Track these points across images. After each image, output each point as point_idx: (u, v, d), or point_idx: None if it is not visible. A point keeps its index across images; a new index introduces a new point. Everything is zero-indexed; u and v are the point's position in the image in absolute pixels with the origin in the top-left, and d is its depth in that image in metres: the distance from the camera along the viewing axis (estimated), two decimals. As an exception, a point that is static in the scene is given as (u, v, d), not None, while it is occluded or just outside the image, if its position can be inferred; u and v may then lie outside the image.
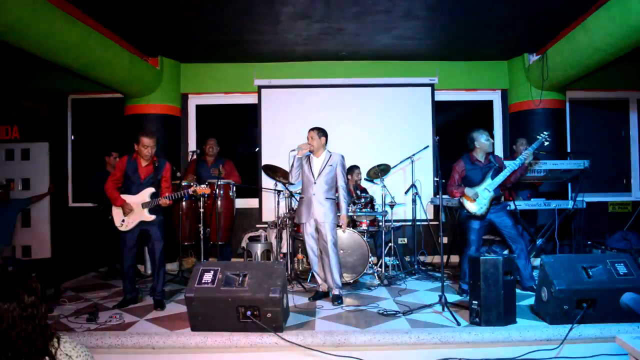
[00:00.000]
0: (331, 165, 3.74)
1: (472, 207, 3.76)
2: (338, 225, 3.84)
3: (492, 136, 5.77)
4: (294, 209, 4.67)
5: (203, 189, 3.69)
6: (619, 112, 6.04)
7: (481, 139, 3.82)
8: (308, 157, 3.82)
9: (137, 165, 3.68)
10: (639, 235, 4.86)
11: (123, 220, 3.66)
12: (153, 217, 3.65)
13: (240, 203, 5.18)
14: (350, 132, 5.72)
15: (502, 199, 3.91)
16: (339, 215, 3.79)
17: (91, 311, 3.32)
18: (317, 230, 3.74)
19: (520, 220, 4.38)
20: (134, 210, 3.64)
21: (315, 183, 3.70)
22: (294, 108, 5.78)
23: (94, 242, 5.11)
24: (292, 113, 5.77)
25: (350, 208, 4.40)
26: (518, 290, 3.55)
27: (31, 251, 5.88)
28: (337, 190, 3.79)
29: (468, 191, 3.77)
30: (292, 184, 4.08)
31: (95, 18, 4.26)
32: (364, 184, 5.33)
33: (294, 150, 3.70)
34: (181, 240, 4.66)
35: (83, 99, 6.06)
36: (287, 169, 4.34)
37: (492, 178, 3.74)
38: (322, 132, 3.78)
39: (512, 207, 4.23)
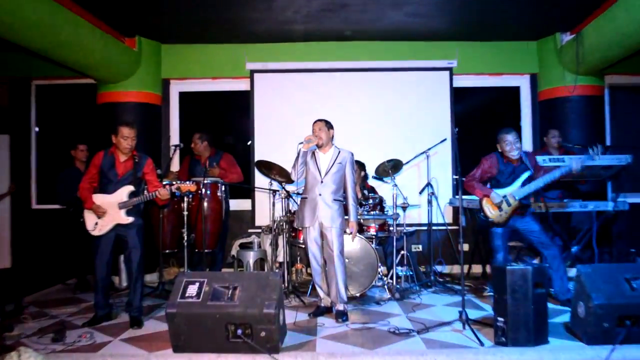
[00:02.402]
0: (340, 163, 3.77)
1: (490, 212, 3.82)
2: (346, 233, 3.86)
3: (519, 128, 5.90)
4: (292, 211, 4.69)
5: (188, 186, 3.71)
6: (667, 99, 6.07)
7: (504, 146, 3.82)
8: (313, 152, 3.86)
9: (115, 160, 3.71)
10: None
11: (96, 224, 3.67)
12: (130, 219, 3.66)
13: (231, 205, 5.15)
14: (356, 123, 5.74)
15: (530, 207, 3.92)
16: (346, 220, 3.81)
17: (57, 330, 3.31)
18: (322, 235, 3.76)
19: (552, 225, 4.36)
20: (108, 212, 3.65)
21: (322, 182, 3.73)
22: (291, 95, 5.79)
23: (61, 250, 5.10)
24: (290, 101, 5.78)
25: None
26: (551, 305, 3.55)
27: (-12, 260, 5.94)
28: (344, 192, 3.82)
29: (495, 197, 3.81)
30: (292, 181, 4.09)
31: (64, -8, 4.27)
32: (372, 182, 5.33)
33: (301, 142, 3.72)
34: (162, 247, 4.67)
35: (49, 85, 6.06)
36: (284, 166, 4.41)
37: (523, 184, 3.76)
38: (330, 124, 3.84)
39: (543, 209, 4.19)
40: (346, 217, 3.84)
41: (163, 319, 3.59)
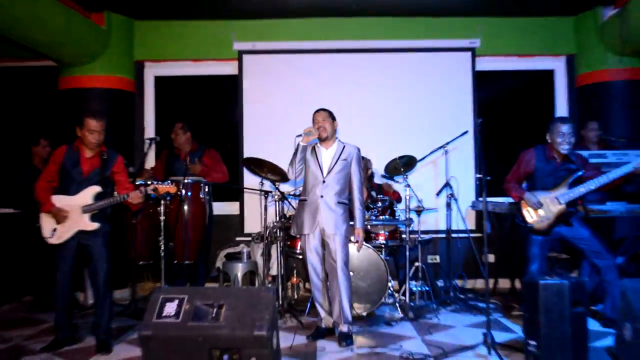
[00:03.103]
0: (345, 160, 3.78)
1: (530, 217, 3.84)
2: (351, 241, 3.87)
3: (553, 117, 5.86)
4: (288, 216, 4.68)
5: (166, 187, 3.72)
6: None
7: (555, 137, 3.81)
8: (313, 147, 3.86)
9: (80, 156, 3.71)
10: None
11: (54, 230, 3.65)
12: (96, 225, 3.65)
13: (216, 209, 5.13)
14: (362, 113, 5.72)
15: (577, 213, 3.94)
16: (352, 226, 3.81)
17: (11, 356, 3.34)
18: (324, 244, 3.77)
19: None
20: (70, 217, 3.63)
21: (324, 182, 3.74)
22: (287, 81, 5.78)
23: (15, 262, 5.07)
24: (285, 88, 5.77)
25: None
26: (593, 327, 3.56)
27: None
28: (350, 193, 3.84)
29: (529, 198, 3.84)
30: (286, 180, 4.11)
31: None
32: (381, 182, 5.32)
33: (300, 135, 3.71)
34: (135, 258, 4.66)
35: (1, 68, 6.05)
36: (278, 163, 4.39)
37: (571, 186, 3.77)
38: (333, 115, 3.88)
39: (582, 213, 4.25)
40: (351, 222, 3.83)
41: (136, 343, 3.56)
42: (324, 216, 3.70)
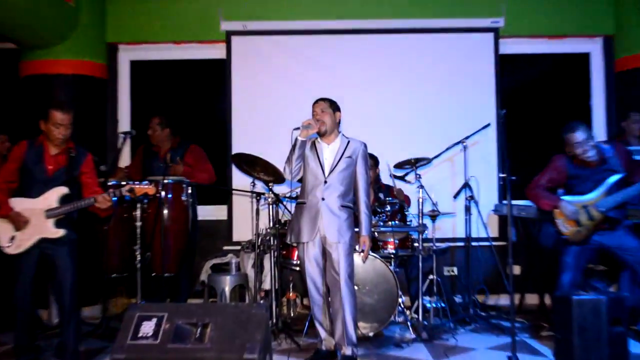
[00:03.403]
0: (350, 157, 3.77)
1: (565, 228, 3.87)
2: (356, 250, 3.87)
3: (588, 108, 5.92)
4: (283, 221, 4.67)
5: (144, 188, 3.71)
6: None
7: (574, 150, 3.85)
8: (313, 142, 3.86)
9: (44, 153, 3.70)
10: None
11: (13, 238, 3.62)
12: (61, 232, 3.63)
13: (200, 213, 5.10)
14: (368, 104, 5.69)
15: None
16: (357, 233, 3.80)
17: None
18: (325, 254, 3.75)
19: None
20: (31, 222, 3.61)
21: (325, 182, 3.73)
22: (281, 66, 5.75)
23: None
24: (279, 74, 5.75)
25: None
26: (635, 349, 3.50)
27: None
28: (354, 195, 3.84)
29: (564, 207, 3.87)
30: (282, 181, 4.11)
31: None
32: (389, 182, 5.23)
33: (297, 128, 3.71)
34: (106, 270, 4.62)
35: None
36: (270, 160, 4.35)
37: (611, 191, 3.78)
38: (336, 105, 3.87)
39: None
40: (356, 229, 3.82)
41: (108, 368, 3.60)
42: (326, 222, 3.68)
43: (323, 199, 3.70)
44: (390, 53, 5.80)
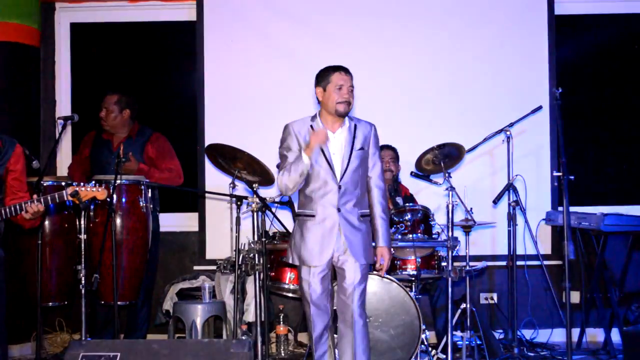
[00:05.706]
0: (362, 149, 3.54)
1: None
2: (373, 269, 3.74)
3: None
4: (272, 233, 4.53)
5: (92, 191, 3.46)
6: None
7: None
8: (310, 129, 3.62)
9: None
10: None
11: None
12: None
13: (164, 223, 4.94)
14: (383, 81, 5.36)
15: None
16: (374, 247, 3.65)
17: None
18: (338, 276, 3.58)
19: None
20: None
21: (340, 188, 3.47)
22: (268, 31, 5.44)
23: None
24: (266, 41, 5.43)
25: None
26: None
27: None
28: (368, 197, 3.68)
29: None
30: (270, 183, 4.11)
31: None
32: (409, 183, 5.06)
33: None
34: (41, 298, 4.28)
35: None
36: (255, 153, 4.15)
37: None
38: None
39: None
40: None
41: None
42: (348, 240, 3.44)
43: (339, 209, 3.43)
44: (409, 14, 5.39)
